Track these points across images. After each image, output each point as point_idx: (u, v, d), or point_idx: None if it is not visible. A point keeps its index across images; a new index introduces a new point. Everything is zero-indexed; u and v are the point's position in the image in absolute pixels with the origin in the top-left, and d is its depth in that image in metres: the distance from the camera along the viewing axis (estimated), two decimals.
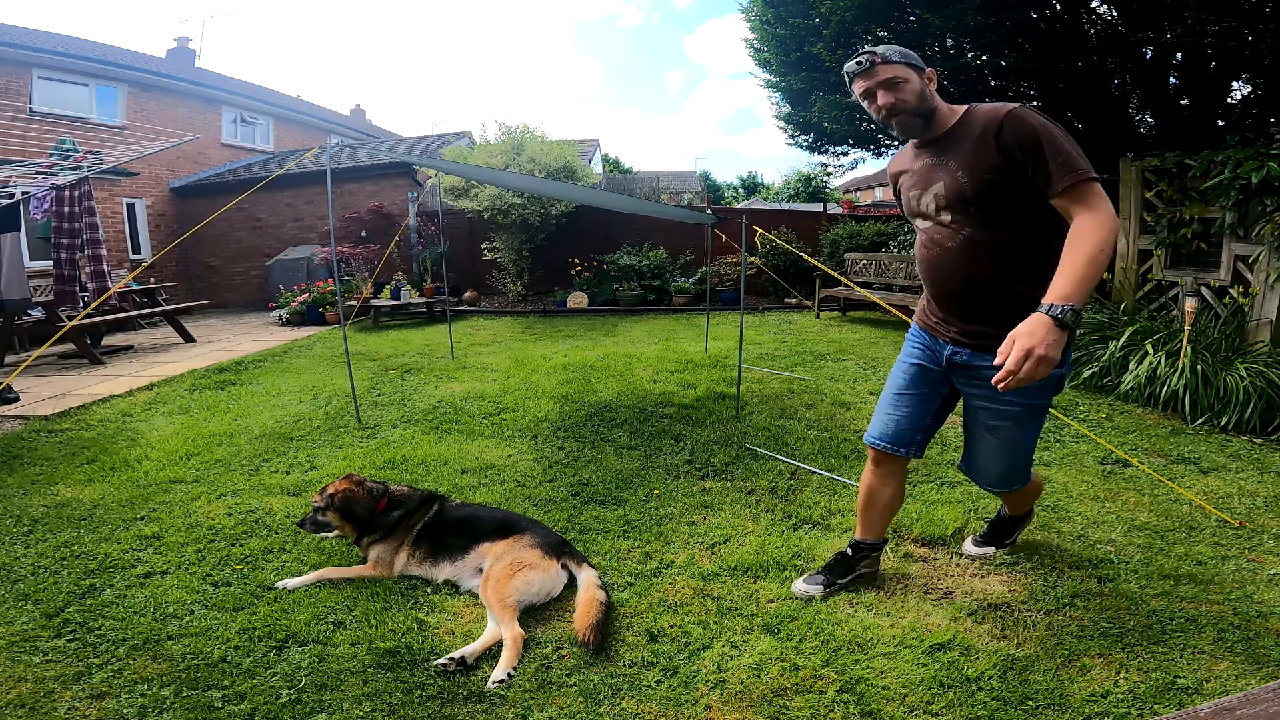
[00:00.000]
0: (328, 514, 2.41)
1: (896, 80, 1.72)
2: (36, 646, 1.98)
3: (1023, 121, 1.60)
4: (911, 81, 1.72)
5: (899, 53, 1.73)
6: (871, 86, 1.74)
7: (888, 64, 1.72)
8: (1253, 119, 5.69)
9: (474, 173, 7.37)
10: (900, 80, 1.72)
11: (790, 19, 6.96)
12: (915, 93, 1.73)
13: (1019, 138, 1.59)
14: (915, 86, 1.72)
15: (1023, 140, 1.59)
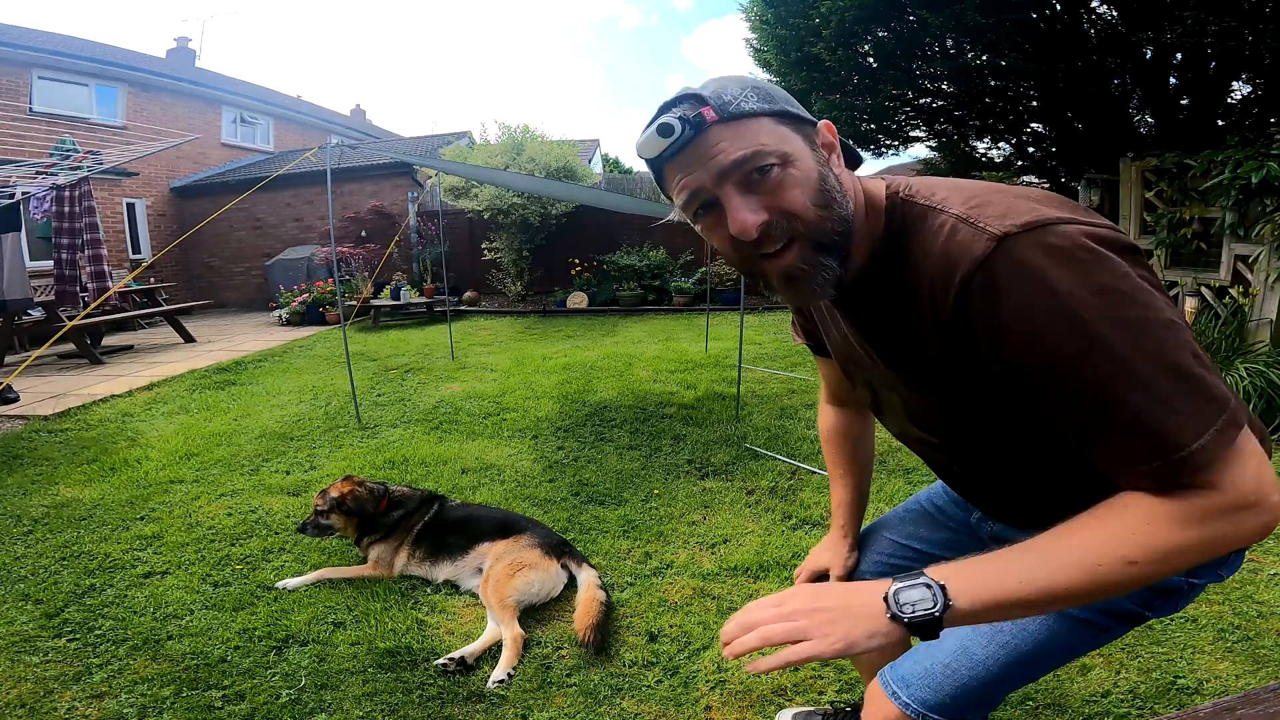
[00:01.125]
0: (331, 516, 2.39)
1: (763, 154, 0.69)
2: (36, 646, 1.98)
3: (1008, 298, 0.62)
4: (793, 151, 0.71)
5: (756, 90, 0.72)
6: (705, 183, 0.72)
7: (732, 121, 0.70)
8: (1253, 119, 5.69)
9: (474, 173, 7.38)
10: (768, 156, 0.70)
11: (790, 19, 6.95)
12: (812, 177, 0.71)
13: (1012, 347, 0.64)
14: (808, 164, 0.72)
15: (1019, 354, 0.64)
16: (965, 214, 0.67)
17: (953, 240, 0.66)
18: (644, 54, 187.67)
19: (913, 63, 6.59)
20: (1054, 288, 0.59)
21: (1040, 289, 0.60)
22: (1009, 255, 0.61)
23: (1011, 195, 0.68)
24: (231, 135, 14.11)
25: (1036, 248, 0.61)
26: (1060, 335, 0.59)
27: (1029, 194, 0.69)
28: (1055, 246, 0.60)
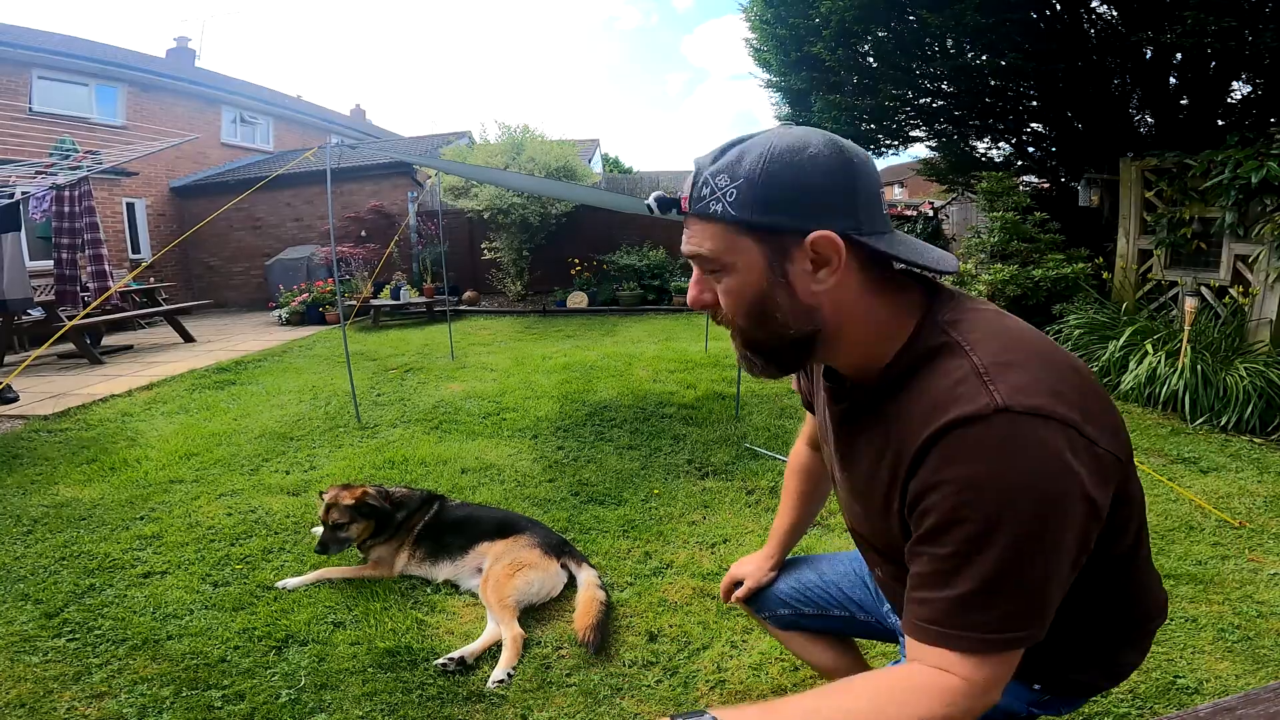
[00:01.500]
0: (352, 528, 2.33)
1: (711, 260, 0.72)
2: (36, 646, 1.98)
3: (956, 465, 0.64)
4: (739, 267, 0.71)
5: (741, 189, 0.68)
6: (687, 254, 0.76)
7: (696, 217, 0.72)
8: (1253, 119, 5.68)
9: (474, 172, 7.38)
10: (715, 263, 0.73)
11: (790, 19, 6.95)
12: (749, 292, 0.72)
13: (936, 494, 0.65)
14: (751, 280, 0.71)
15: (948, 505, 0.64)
16: (985, 369, 0.65)
17: (957, 389, 0.65)
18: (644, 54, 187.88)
19: (913, 63, 6.58)
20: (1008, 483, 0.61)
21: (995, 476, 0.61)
22: (996, 430, 0.62)
23: (1045, 365, 0.67)
24: (231, 135, 14.11)
25: (1022, 437, 0.61)
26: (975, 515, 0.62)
27: (1064, 366, 0.69)
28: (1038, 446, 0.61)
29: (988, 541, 0.61)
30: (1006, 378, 0.64)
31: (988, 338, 0.69)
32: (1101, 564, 0.76)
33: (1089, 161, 6.54)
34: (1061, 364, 0.69)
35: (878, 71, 6.83)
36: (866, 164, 0.71)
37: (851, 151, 0.70)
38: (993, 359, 0.66)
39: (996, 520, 0.60)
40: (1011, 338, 0.70)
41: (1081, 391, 0.67)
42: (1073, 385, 0.67)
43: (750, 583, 1.34)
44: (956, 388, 0.65)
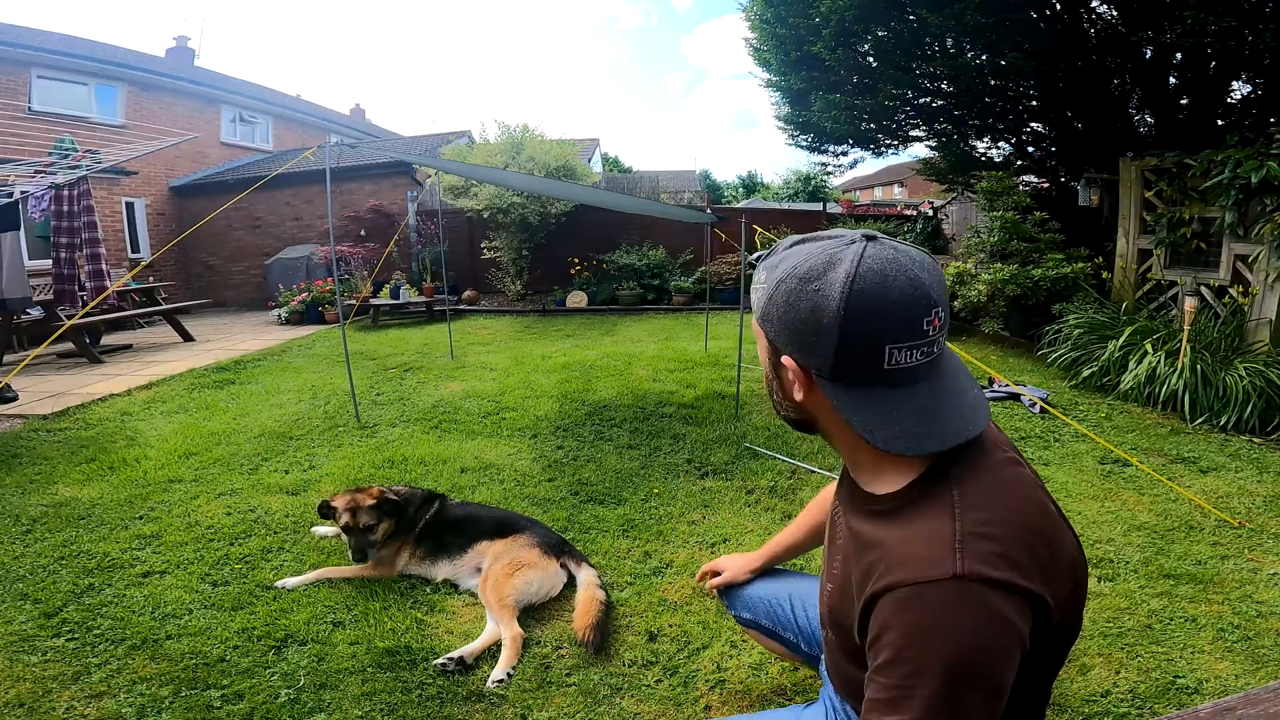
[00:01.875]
0: (379, 528, 2.31)
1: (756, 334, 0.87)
2: (35, 646, 1.98)
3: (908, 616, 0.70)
4: (760, 346, 0.87)
5: (762, 293, 0.80)
6: None
7: (753, 289, 0.84)
8: (1253, 119, 5.69)
9: (474, 172, 7.37)
10: (755, 330, 0.87)
11: (790, 18, 6.95)
12: (763, 368, 0.89)
13: (883, 641, 0.71)
14: (763, 362, 0.88)
15: (897, 644, 0.70)
16: (962, 538, 0.69)
17: (931, 550, 0.70)
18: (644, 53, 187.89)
19: (912, 62, 6.58)
20: (952, 636, 0.66)
21: (942, 628, 0.67)
22: (950, 592, 0.67)
23: (1021, 533, 0.70)
24: (231, 134, 14.10)
25: (971, 601, 0.66)
26: (918, 659, 0.67)
27: (1038, 531, 0.73)
28: (983, 608, 0.66)
29: (928, 681, 0.66)
30: (978, 548, 0.68)
31: (984, 504, 0.72)
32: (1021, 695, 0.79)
33: (1089, 161, 6.54)
34: (1037, 528, 0.73)
35: (878, 71, 6.83)
36: (874, 318, 0.71)
37: (861, 301, 0.71)
38: (974, 528, 0.70)
39: (937, 665, 0.66)
40: (1004, 506, 0.73)
41: (1047, 557, 0.72)
42: (1039, 549, 0.71)
43: (727, 577, 1.49)
44: (931, 548, 0.70)
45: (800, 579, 1.47)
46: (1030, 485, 0.78)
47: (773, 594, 1.44)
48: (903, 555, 0.72)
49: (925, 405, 0.74)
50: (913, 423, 0.73)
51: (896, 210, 15.44)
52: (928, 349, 0.73)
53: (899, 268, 0.72)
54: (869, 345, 0.72)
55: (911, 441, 0.72)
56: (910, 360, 0.73)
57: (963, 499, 0.72)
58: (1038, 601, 0.69)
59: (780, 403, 0.87)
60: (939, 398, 0.75)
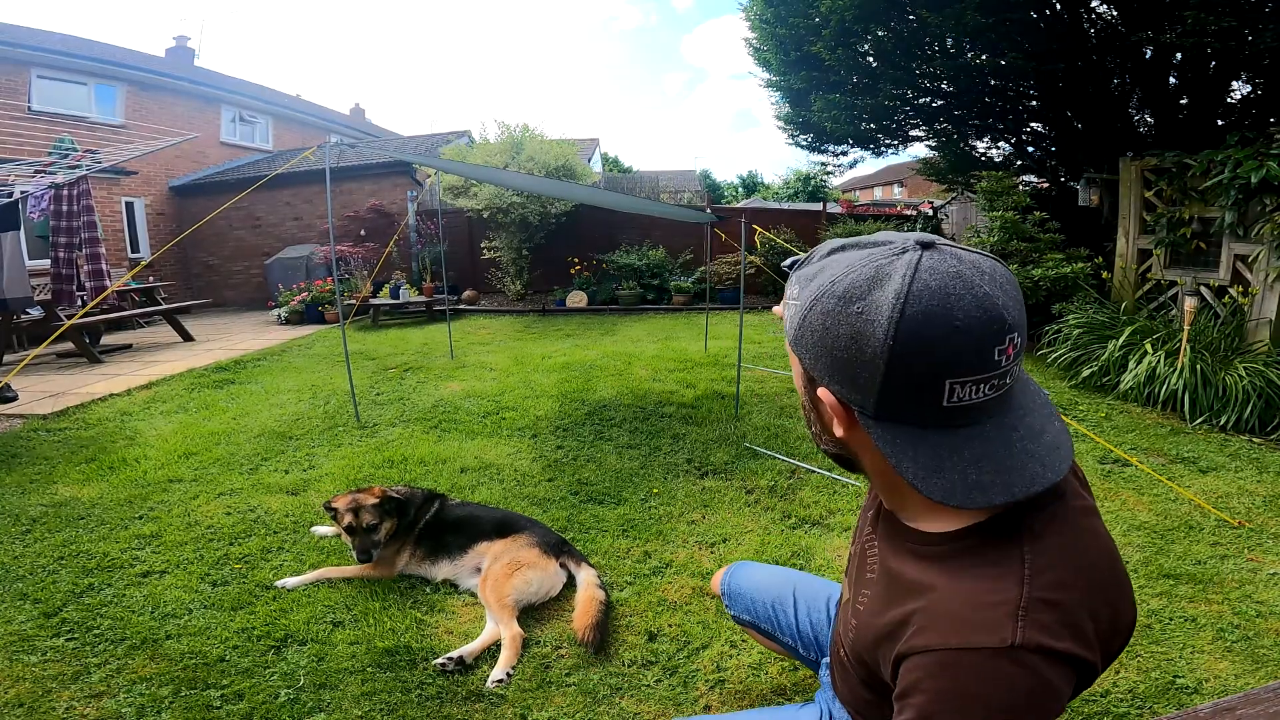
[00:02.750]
0: (382, 529, 2.31)
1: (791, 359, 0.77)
2: (35, 646, 1.98)
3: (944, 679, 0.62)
4: (796, 374, 0.75)
5: (794, 315, 0.68)
6: None
7: (785, 305, 0.73)
8: (1253, 119, 5.69)
9: (473, 172, 7.37)
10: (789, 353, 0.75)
11: (790, 18, 6.95)
12: (800, 398, 0.78)
13: (911, 700, 0.64)
14: (799, 389, 0.76)
15: (926, 696, 0.63)
16: (1026, 605, 0.60)
17: (989, 613, 0.60)
18: (643, 53, 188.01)
19: (913, 62, 6.58)
20: (990, 707, 0.58)
21: (980, 699, 0.59)
22: (998, 661, 0.58)
23: (1089, 598, 0.63)
24: (230, 134, 14.09)
25: (1022, 673, 0.58)
26: (943, 717, 0.59)
27: (1109, 589, 0.66)
28: (1035, 679, 0.59)
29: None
30: (1042, 617, 0.59)
31: (1059, 564, 0.62)
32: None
33: (1089, 161, 6.54)
34: (1108, 593, 0.65)
35: (878, 71, 6.82)
36: (932, 346, 0.58)
37: (914, 327, 0.58)
38: (1043, 592, 0.60)
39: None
40: (1080, 568, 0.64)
41: (1110, 623, 0.64)
42: (1104, 615, 0.64)
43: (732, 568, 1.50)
44: (990, 612, 0.60)
45: (808, 579, 1.43)
46: (1107, 542, 0.69)
47: (776, 593, 1.40)
48: (952, 613, 0.62)
49: (992, 450, 0.62)
50: (975, 472, 0.61)
51: (896, 210, 15.45)
52: (998, 381, 0.60)
53: (965, 284, 0.58)
54: (924, 381, 0.59)
55: (974, 493, 0.60)
56: (975, 396, 0.60)
57: (1035, 558, 0.62)
58: (1088, 670, 0.62)
59: (819, 436, 0.75)
60: (1008, 440, 0.62)
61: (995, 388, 0.60)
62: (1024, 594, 0.60)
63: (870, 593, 0.78)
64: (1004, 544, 0.63)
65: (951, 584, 0.64)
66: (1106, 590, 0.65)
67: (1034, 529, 0.64)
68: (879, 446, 0.63)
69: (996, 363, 0.59)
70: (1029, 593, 0.60)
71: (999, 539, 0.64)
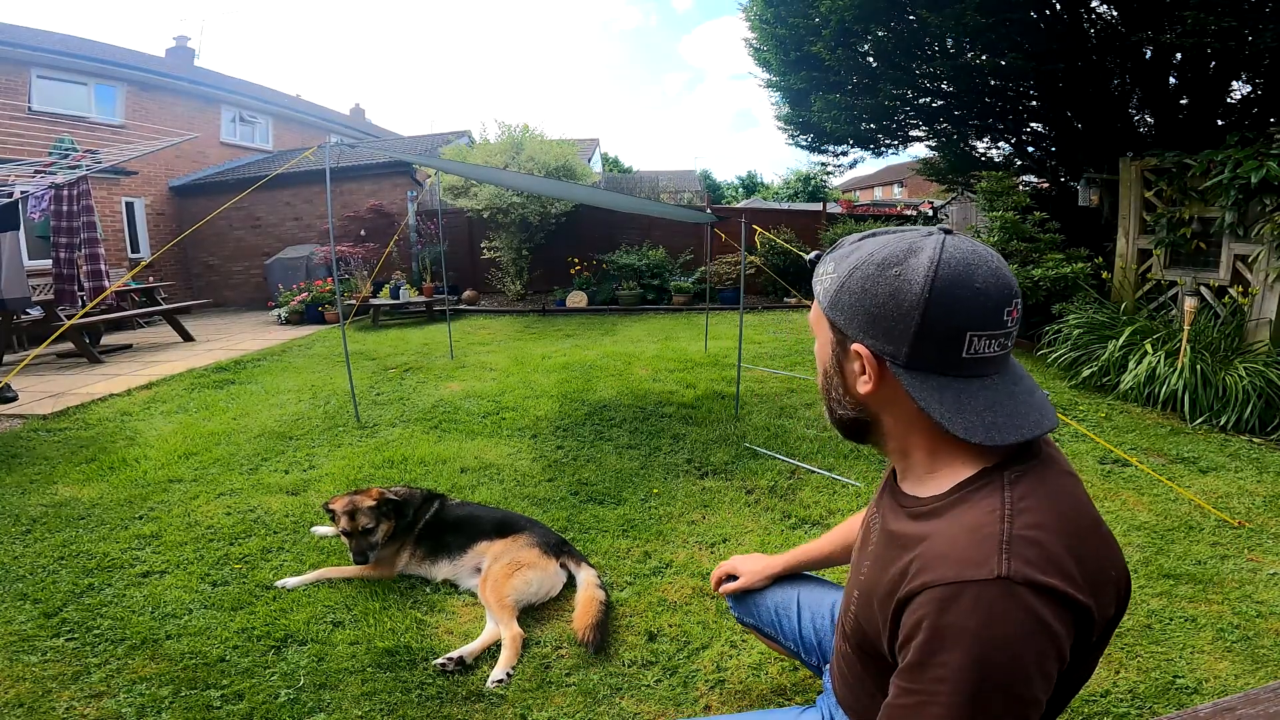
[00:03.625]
0: (378, 530, 2.31)
1: (813, 326, 0.87)
2: (35, 646, 1.98)
3: (944, 616, 0.66)
4: (821, 339, 0.85)
5: (833, 281, 0.79)
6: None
7: (818, 281, 0.83)
8: (1252, 119, 5.69)
9: (473, 172, 7.37)
10: (814, 329, 0.87)
11: (790, 18, 6.95)
12: (822, 364, 0.86)
13: (912, 643, 0.68)
14: (824, 355, 0.84)
15: (927, 647, 0.67)
16: (1009, 540, 0.66)
17: (976, 549, 0.67)
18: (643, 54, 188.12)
19: (913, 62, 6.58)
20: (987, 639, 0.63)
21: (976, 632, 0.63)
22: (990, 593, 0.64)
23: (1070, 539, 0.68)
24: (230, 134, 14.09)
25: (1013, 604, 0.63)
26: (949, 668, 0.64)
27: (1090, 536, 0.70)
28: (1026, 612, 0.63)
29: (955, 689, 0.63)
30: (1025, 552, 0.65)
31: (1037, 509, 0.69)
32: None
33: (1089, 161, 6.54)
34: (1089, 541, 0.70)
35: (878, 71, 6.82)
36: (960, 302, 0.70)
37: (947, 285, 0.70)
38: (1024, 530, 0.67)
39: (967, 673, 0.63)
40: (1058, 513, 0.70)
41: (1096, 571, 0.68)
42: (1089, 561, 0.68)
43: (743, 583, 1.44)
44: (976, 546, 0.67)
45: (814, 586, 1.42)
46: (1085, 499, 0.75)
47: (782, 600, 1.40)
48: (943, 551, 0.68)
49: (1000, 399, 0.72)
50: (990, 415, 0.71)
51: (896, 210, 15.45)
52: (1004, 340, 0.72)
53: (980, 258, 0.72)
54: (951, 331, 0.70)
55: (991, 432, 0.70)
56: (988, 350, 0.71)
57: (1014, 502, 0.69)
58: (1084, 614, 0.66)
59: (840, 400, 0.82)
60: (1012, 393, 0.73)
61: (1002, 345, 0.72)
62: (1005, 529, 0.66)
63: (870, 561, 0.85)
64: (988, 492, 0.71)
65: (942, 530, 0.71)
66: (1086, 539, 0.70)
67: (1013, 480, 0.71)
68: (909, 390, 0.72)
69: (1004, 322, 0.71)
70: (1010, 529, 0.67)
71: (984, 488, 0.72)
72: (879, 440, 0.83)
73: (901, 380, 0.73)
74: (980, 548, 0.66)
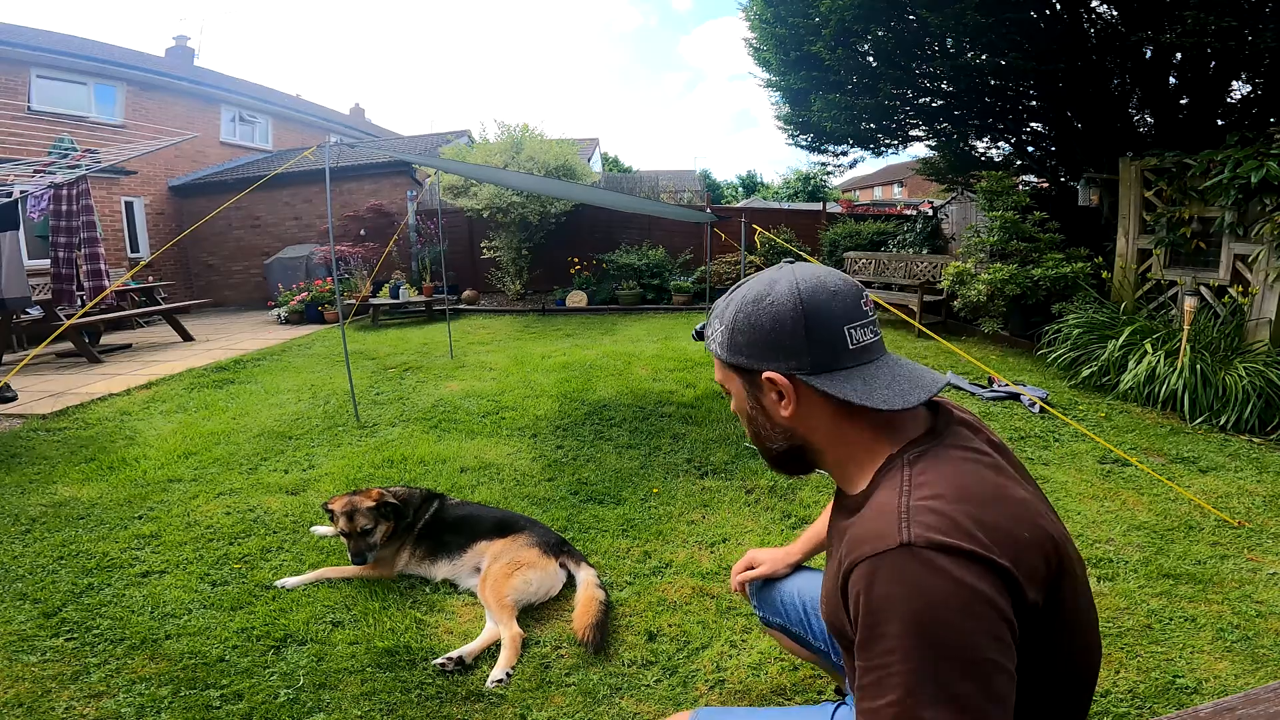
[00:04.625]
0: (377, 532, 2.31)
1: (723, 385, 0.95)
2: (34, 645, 1.98)
3: (871, 590, 0.71)
4: (734, 391, 0.92)
5: (723, 334, 0.89)
6: None
7: (714, 356, 0.93)
8: (1252, 119, 5.68)
9: (473, 171, 7.37)
10: (725, 388, 0.95)
11: (790, 18, 6.95)
12: (743, 413, 0.93)
13: (865, 608, 0.72)
14: (741, 404, 0.92)
15: (870, 622, 0.71)
16: (907, 510, 0.73)
17: (880, 525, 0.74)
18: (643, 54, 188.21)
19: (913, 62, 6.58)
20: (910, 605, 0.67)
21: (898, 599, 0.68)
22: (898, 561, 0.69)
23: (967, 503, 0.72)
24: (230, 134, 14.09)
25: (920, 567, 0.68)
26: (889, 635, 0.68)
27: (990, 502, 0.74)
28: (935, 573, 0.67)
29: (901, 656, 0.66)
30: (922, 519, 0.71)
31: (932, 481, 0.76)
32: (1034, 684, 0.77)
33: (1089, 161, 6.54)
34: (989, 504, 0.74)
35: (878, 71, 6.82)
36: (826, 304, 0.82)
37: (810, 294, 0.82)
38: (920, 501, 0.74)
39: (904, 637, 0.67)
40: (954, 484, 0.76)
41: (1002, 531, 0.72)
42: (989, 520, 0.72)
43: (765, 570, 1.41)
44: (881, 522, 0.74)
45: (816, 581, 1.37)
46: (985, 471, 0.80)
47: (809, 594, 1.34)
48: (860, 533, 0.75)
49: (895, 374, 0.83)
50: (894, 386, 0.81)
51: (896, 210, 15.44)
52: (873, 327, 0.84)
53: (825, 270, 0.86)
54: (832, 329, 0.81)
55: (902, 398, 0.79)
56: (866, 338, 0.83)
57: (913, 477, 0.77)
58: (1003, 572, 0.69)
59: (770, 437, 0.90)
60: (901, 367, 0.85)
61: (874, 332, 0.85)
62: (904, 502, 0.74)
63: (829, 560, 0.92)
64: (892, 475, 0.80)
65: (862, 515, 0.80)
66: (986, 505, 0.74)
67: (911, 460, 0.80)
68: (825, 390, 0.81)
69: (865, 311, 0.84)
70: (908, 501, 0.74)
71: (889, 474, 0.80)
72: (815, 460, 0.91)
73: (815, 385, 0.82)
74: (886, 522, 0.73)
